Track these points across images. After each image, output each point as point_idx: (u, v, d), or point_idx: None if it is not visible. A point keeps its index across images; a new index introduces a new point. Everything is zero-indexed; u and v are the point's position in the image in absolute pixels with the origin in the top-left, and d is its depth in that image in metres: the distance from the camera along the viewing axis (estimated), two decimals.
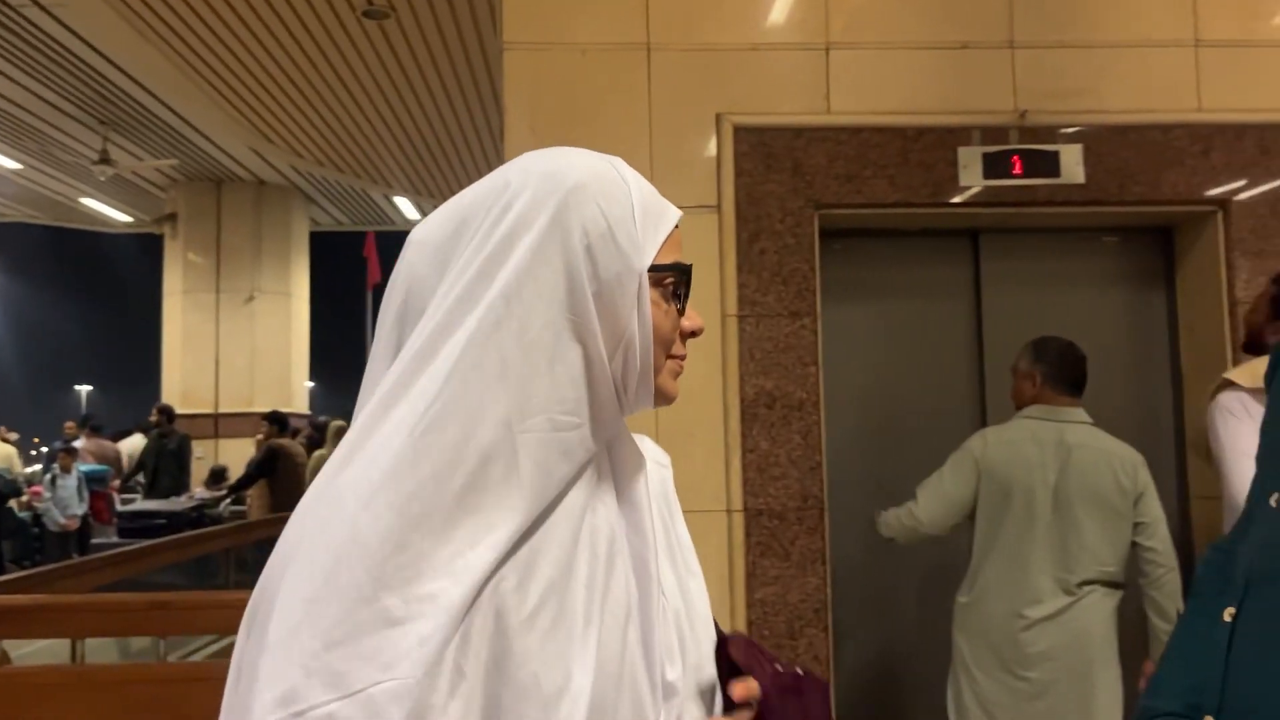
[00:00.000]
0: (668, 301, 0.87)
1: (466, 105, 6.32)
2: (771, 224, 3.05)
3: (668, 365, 0.89)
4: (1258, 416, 2.50)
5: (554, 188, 0.83)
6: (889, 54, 3.12)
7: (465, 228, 0.83)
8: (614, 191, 0.85)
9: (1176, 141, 3.12)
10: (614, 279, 0.82)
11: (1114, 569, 2.62)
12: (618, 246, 0.83)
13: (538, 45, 3.06)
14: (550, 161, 0.86)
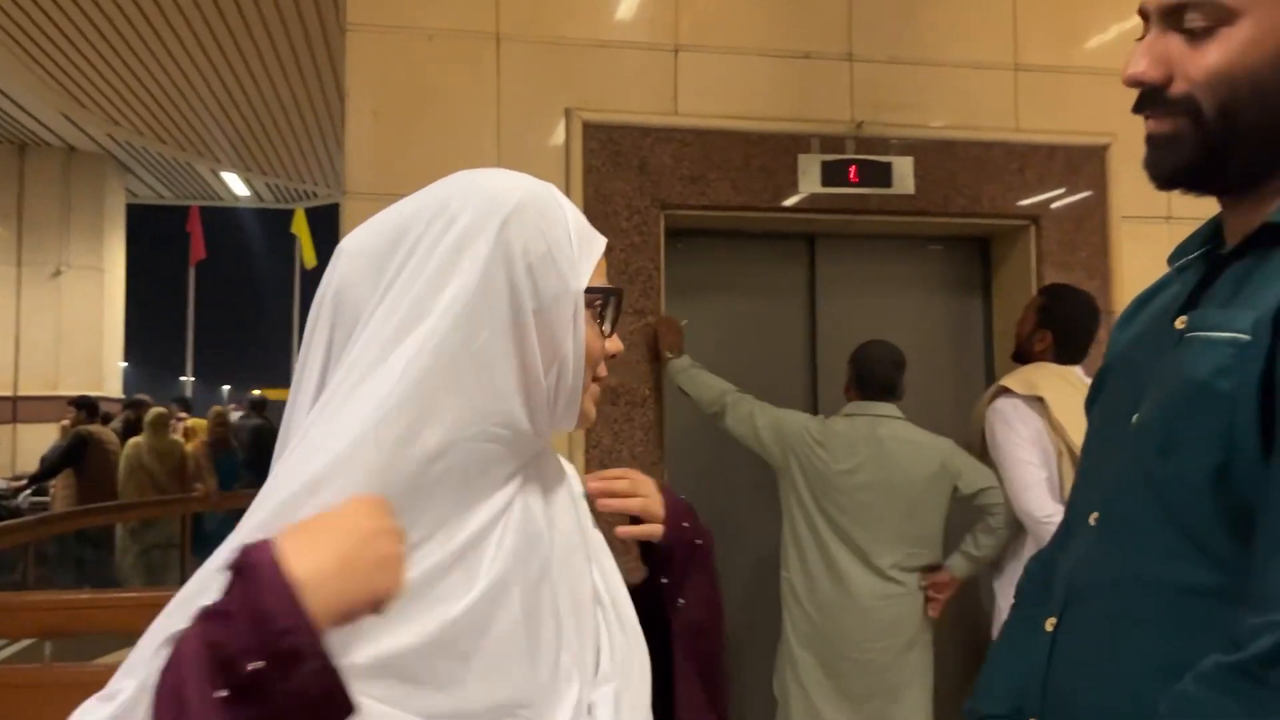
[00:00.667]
0: (597, 323, 0.91)
1: (304, 81, 6.06)
2: (618, 222, 3.07)
3: (592, 387, 0.93)
4: (1030, 422, 2.73)
5: (497, 207, 0.85)
6: (736, 59, 3.19)
7: (403, 240, 0.85)
8: (552, 215, 0.88)
9: (996, 158, 3.33)
10: (553, 299, 0.85)
11: (924, 553, 2.80)
12: (557, 268, 0.86)
13: (383, 28, 2.97)
14: (491, 182, 0.89)
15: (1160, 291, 1.07)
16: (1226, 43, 0.86)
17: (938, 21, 3.33)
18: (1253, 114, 0.86)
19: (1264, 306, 0.80)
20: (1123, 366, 1.03)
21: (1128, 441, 0.91)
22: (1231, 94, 0.86)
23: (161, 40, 5.53)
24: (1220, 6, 0.86)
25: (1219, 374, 0.81)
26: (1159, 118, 0.91)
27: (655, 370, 3.09)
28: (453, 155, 2.98)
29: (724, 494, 3.40)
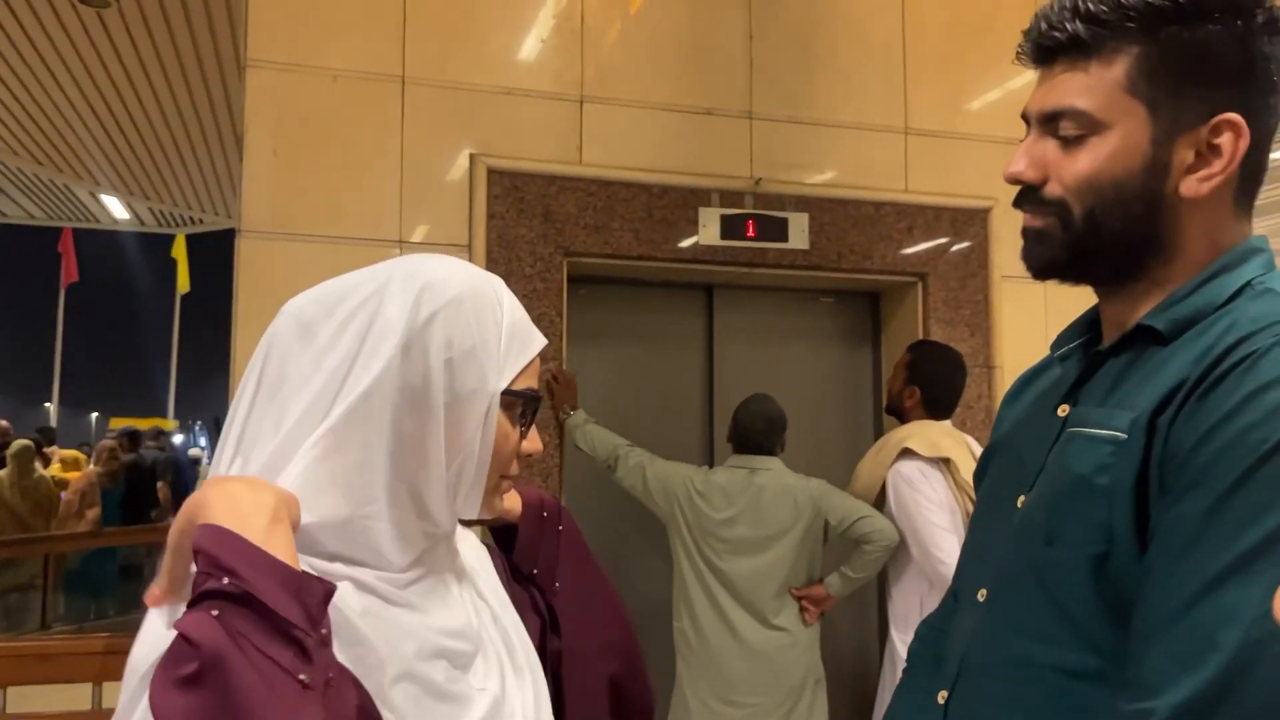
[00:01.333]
0: (513, 424, 0.91)
1: (195, 110, 5.89)
2: (522, 267, 3.08)
3: (500, 484, 0.94)
4: (936, 485, 2.84)
5: (432, 298, 0.87)
6: (640, 113, 3.25)
7: (336, 313, 0.87)
8: (486, 313, 0.89)
9: (886, 217, 3.47)
10: (468, 395, 0.86)
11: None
12: (479, 366, 0.87)
13: (285, 66, 2.93)
14: (434, 271, 0.90)
15: (1043, 372, 1.14)
16: (1094, 152, 0.92)
17: (833, 85, 3.47)
18: (1116, 221, 0.92)
19: (1140, 407, 0.86)
20: (1008, 448, 1.08)
21: (1013, 525, 0.96)
22: (1097, 200, 0.91)
23: (44, 60, 5.31)
24: (1090, 118, 0.91)
25: (1098, 470, 0.86)
26: (1033, 215, 0.97)
27: (555, 418, 3.10)
28: (353, 198, 2.95)
29: (621, 544, 3.42)
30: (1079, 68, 0.93)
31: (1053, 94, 0.95)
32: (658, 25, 3.30)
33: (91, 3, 4.58)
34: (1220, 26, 0.88)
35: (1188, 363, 0.85)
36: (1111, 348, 0.96)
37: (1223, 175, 0.90)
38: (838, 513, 2.86)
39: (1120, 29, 0.90)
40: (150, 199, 8.34)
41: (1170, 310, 0.91)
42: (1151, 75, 0.90)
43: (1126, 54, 0.91)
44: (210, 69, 5.23)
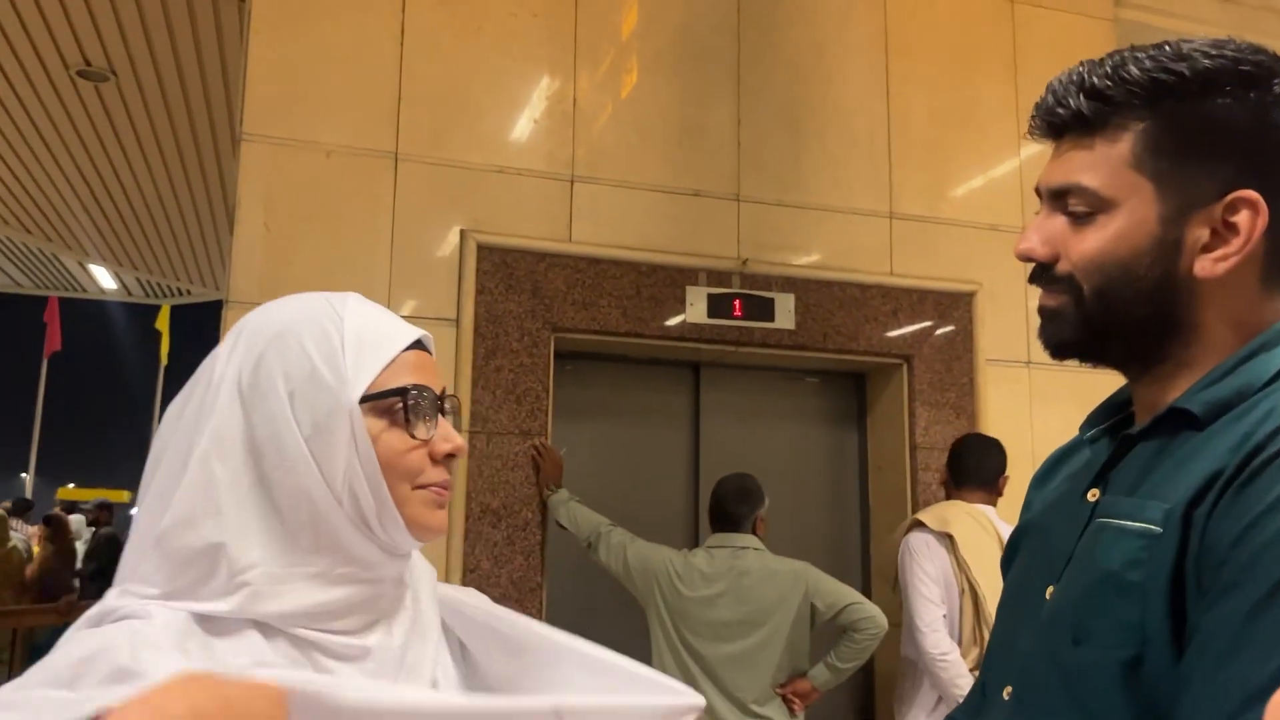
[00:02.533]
0: (403, 427, 0.85)
1: (188, 183, 5.95)
2: (509, 342, 3.09)
3: (417, 495, 0.86)
4: (937, 558, 2.85)
5: (256, 342, 0.84)
6: (629, 193, 3.30)
7: (200, 374, 0.85)
8: (322, 329, 0.84)
9: (872, 300, 3.50)
10: (325, 419, 0.81)
11: (787, 680, 2.82)
12: (324, 385, 0.82)
13: (279, 141, 2.96)
14: (265, 313, 0.87)
15: (1073, 454, 1.07)
16: (1101, 231, 0.88)
17: (820, 169, 3.53)
18: (1127, 301, 0.88)
19: (1174, 499, 0.80)
20: (1036, 534, 1.02)
21: (1040, 618, 0.91)
22: (1105, 280, 0.88)
23: (40, 132, 5.37)
24: (1096, 195, 0.88)
25: (1130, 566, 0.80)
26: (1047, 293, 0.94)
27: (539, 493, 3.07)
28: (344, 271, 2.96)
29: (601, 624, 3.35)
30: (1084, 145, 0.90)
31: (1060, 170, 0.92)
32: (648, 108, 3.37)
33: (90, 77, 4.65)
34: (1231, 100, 0.84)
35: (1225, 450, 0.79)
36: (1142, 431, 0.90)
37: (1239, 255, 0.85)
38: (826, 597, 2.82)
39: (1125, 105, 0.87)
40: (139, 269, 8.36)
41: (1205, 392, 0.85)
42: (1157, 151, 0.86)
43: (1132, 130, 0.87)
44: (204, 143, 5.30)
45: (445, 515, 0.89)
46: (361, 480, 0.82)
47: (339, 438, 0.81)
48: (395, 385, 0.85)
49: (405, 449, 0.84)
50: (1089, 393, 1.16)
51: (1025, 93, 3.80)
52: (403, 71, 3.12)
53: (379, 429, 0.83)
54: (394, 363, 0.86)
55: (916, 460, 3.47)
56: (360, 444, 0.82)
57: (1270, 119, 0.85)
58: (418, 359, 0.88)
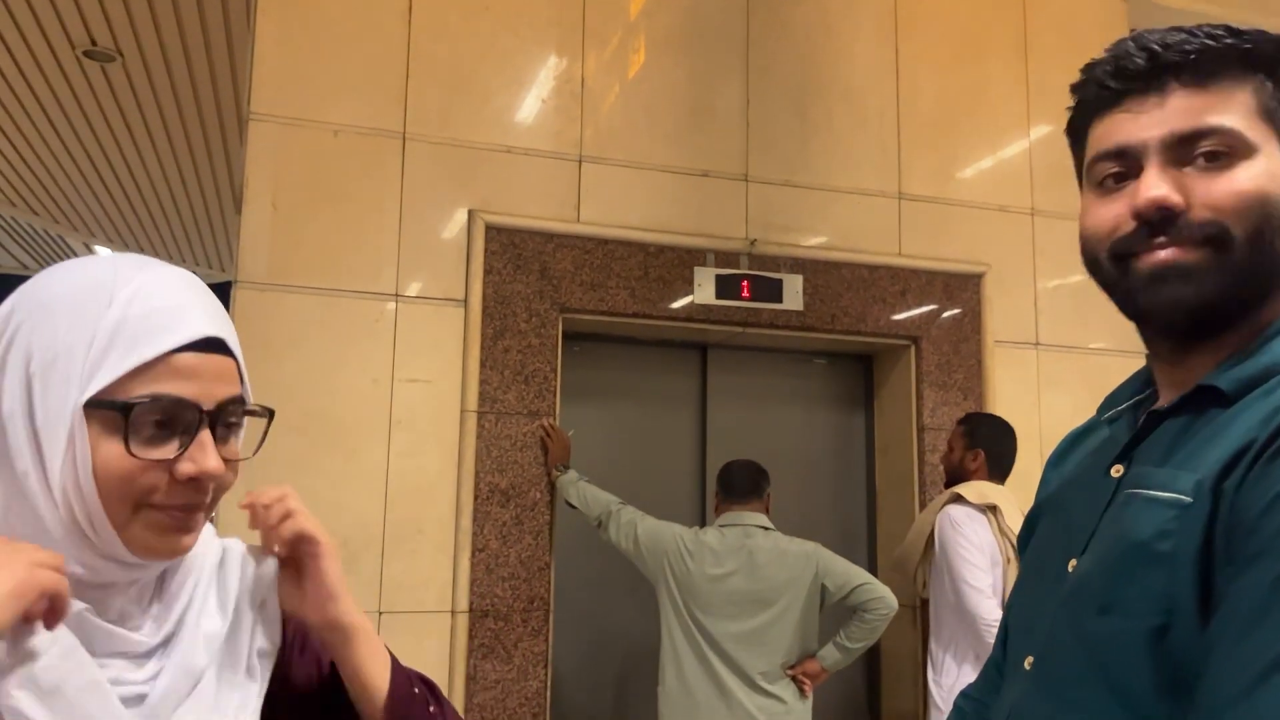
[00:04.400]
0: (132, 440, 0.75)
1: (194, 164, 5.94)
2: (517, 323, 3.09)
3: (142, 518, 0.77)
4: (980, 529, 2.91)
5: (20, 309, 0.77)
6: (638, 173, 3.29)
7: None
8: (82, 313, 0.75)
9: (880, 281, 3.50)
10: (53, 414, 0.74)
11: (797, 660, 2.83)
12: (60, 376, 0.74)
13: (287, 120, 2.96)
14: (47, 278, 0.79)
15: (1090, 434, 1.07)
16: (1249, 170, 0.84)
17: (829, 150, 3.52)
18: (1273, 240, 0.84)
19: (1204, 470, 0.80)
20: (1056, 510, 1.02)
21: (1063, 590, 0.91)
22: (1265, 221, 0.84)
23: (46, 113, 5.36)
24: (1242, 137, 0.84)
25: (1160, 536, 0.80)
26: (1181, 247, 0.86)
27: (548, 474, 3.07)
28: (351, 251, 2.96)
29: (609, 605, 3.37)
30: (1199, 92, 0.86)
31: (1186, 116, 0.86)
32: (656, 89, 3.36)
33: (97, 57, 4.64)
34: None
35: (1256, 423, 0.79)
36: (1171, 408, 0.90)
37: None
38: (836, 578, 2.83)
39: (1241, 60, 0.86)
40: (144, 252, 8.36)
41: (1234, 370, 0.84)
42: (1273, 110, 0.86)
43: (1250, 82, 0.86)
44: (210, 123, 5.29)
45: (186, 538, 0.80)
46: (76, 490, 0.74)
47: (59, 437, 0.74)
48: (131, 394, 0.75)
49: (129, 467, 0.75)
50: (1096, 374, 1.16)
51: (1035, 74, 3.78)
52: (410, 51, 3.10)
53: (101, 440, 0.75)
54: (154, 365, 0.76)
55: (924, 442, 3.47)
56: (79, 451, 0.74)
57: None
58: (192, 363, 0.77)
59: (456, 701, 2.88)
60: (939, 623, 3.02)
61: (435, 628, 2.90)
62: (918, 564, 3.15)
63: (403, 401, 2.95)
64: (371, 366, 2.94)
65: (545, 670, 3.00)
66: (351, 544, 2.83)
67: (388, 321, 2.97)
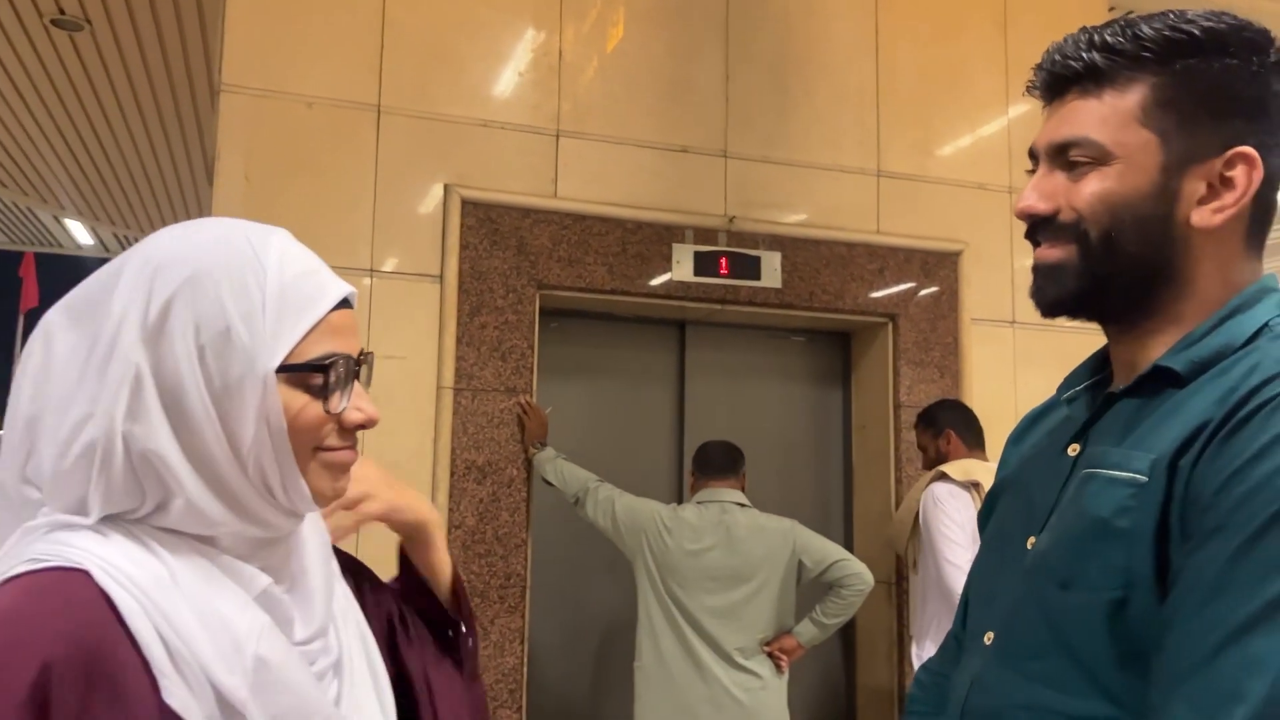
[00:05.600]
0: (317, 395, 0.80)
1: (165, 135, 5.84)
2: (494, 299, 3.06)
3: (321, 464, 0.82)
4: (963, 506, 2.96)
5: (165, 282, 0.77)
6: (616, 148, 3.26)
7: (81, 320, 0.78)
8: (240, 282, 0.78)
9: (858, 258, 3.49)
10: (236, 382, 0.76)
11: (774, 636, 2.85)
12: (239, 346, 0.76)
13: (260, 92, 2.91)
14: (172, 248, 0.79)
15: (1049, 413, 1.10)
16: (1103, 176, 0.91)
17: (808, 126, 3.50)
18: (1132, 244, 0.90)
19: (1160, 449, 0.83)
20: (1015, 489, 1.05)
21: (1024, 567, 0.93)
22: (1113, 221, 0.90)
23: (14, 83, 5.25)
24: (1101, 147, 0.91)
25: (1119, 513, 0.83)
26: (1050, 244, 0.95)
27: (525, 450, 3.06)
28: (325, 225, 2.92)
29: (586, 582, 3.37)
30: (1092, 96, 0.92)
31: (1065, 125, 0.94)
32: (635, 63, 3.32)
33: (65, 26, 4.54)
34: (1237, 62, 0.89)
35: (1210, 403, 0.83)
36: (1126, 389, 0.93)
37: (1235, 208, 0.89)
38: (813, 554, 2.84)
39: (1137, 60, 0.90)
40: (115, 224, 8.24)
41: (1188, 351, 0.89)
42: (1165, 106, 0.90)
43: (1142, 84, 0.90)
44: (182, 94, 5.20)
45: (347, 482, 0.87)
46: (269, 450, 0.78)
47: (249, 404, 0.76)
48: (316, 354, 0.80)
49: (317, 422, 0.80)
50: (1072, 353, 1.17)
51: (1015, 51, 3.77)
52: (385, 21, 3.06)
53: (293, 400, 0.79)
54: (318, 324, 0.80)
55: (900, 419, 3.48)
56: (272, 415, 0.77)
57: (1268, 84, 0.90)
58: (341, 320, 0.83)
59: None
60: (924, 599, 3.05)
61: None
62: (907, 541, 3.17)
63: (378, 378, 2.89)
64: None
65: (522, 647, 3.00)
66: None
67: (362, 297, 2.94)
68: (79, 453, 0.74)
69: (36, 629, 0.68)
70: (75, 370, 0.76)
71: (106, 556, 0.73)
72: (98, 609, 0.71)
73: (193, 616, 0.73)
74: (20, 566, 0.72)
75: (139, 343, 0.75)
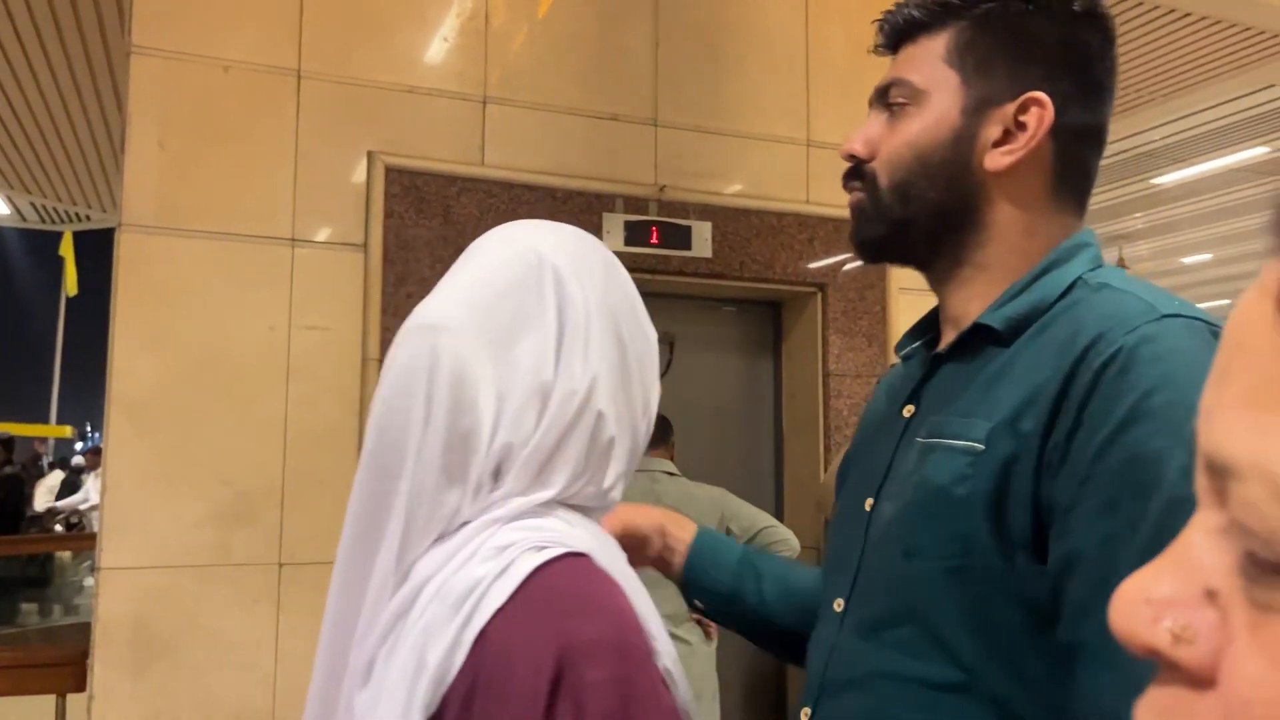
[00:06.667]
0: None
1: (81, 100, 5.62)
2: (420, 269, 3.02)
3: None
4: None
5: (593, 264, 0.86)
6: (544, 116, 3.22)
7: (519, 315, 0.81)
8: (637, 311, 0.90)
9: (788, 228, 3.51)
10: (647, 349, 0.88)
11: None
12: (641, 318, 0.89)
13: (173, 54, 2.81)
14: (572, 241, 0.89)
15: (894, 372, 1.12)
16: (909, 122, 0.93)
17: (739, 95, 3.49)
18: (923, 191, 0.92)
19: (996, 415, 0.83)
20: (860, 451, 1.07)
21: (869, 535, 0.94)
22: (903, 170, 0.93)
23: None
24: (912, 86, 0.94)
25: (957, 481, 0.84)
26: (850, 188, 0.99)
27: None
28: (245, 194, 2.85)
29: None
30: (912, 45, 0.97)
31: (889, 71, 0.98)
32: (564, 28, 3.28)
33: None
34: (1036, 9, 0.91)
35: (1041, 364, 0.83)
36: (949, 350, 0.94)
37: (1024, 150, 0.90)
38: (742, 521, 2.87)
39: (950, 7, 0.94)
40: (33, 194, 7.95)
41: (1004, 309, 0.89)
42: (966, 48, 0.93)
43: (950, 28, 0.94)
44: (96, 55, 5.01)
45: None
46: (653, 409, 0.91)
47: (651, 371, 0.89)
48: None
49: None
50: None
51: None
52: None
53: None
54: None
55: (829, 387, 3.52)
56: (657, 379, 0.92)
57: (1068, 32, 0.92)
58: None
59: None
60: None
61: None
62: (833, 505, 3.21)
63: (301, 349, 2.87)
64: (267, 313, 2.85)
65: None
66: (250, 495, 2.77)
67: (284, 267, 2.88)
68: (564, 434, 0.80)
69: (618, 609, 0.74)
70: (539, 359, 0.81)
71: (580, 539, 0.77)
72: (617, 588, 0.76)
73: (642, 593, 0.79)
74: (530, 553, 0.73)
75: (610, 335, 0.83)
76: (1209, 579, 0.29)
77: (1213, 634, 0.29)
